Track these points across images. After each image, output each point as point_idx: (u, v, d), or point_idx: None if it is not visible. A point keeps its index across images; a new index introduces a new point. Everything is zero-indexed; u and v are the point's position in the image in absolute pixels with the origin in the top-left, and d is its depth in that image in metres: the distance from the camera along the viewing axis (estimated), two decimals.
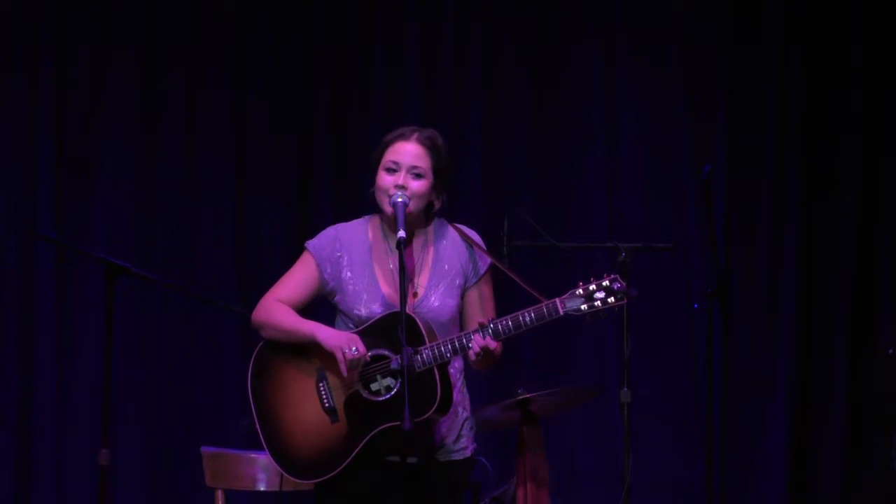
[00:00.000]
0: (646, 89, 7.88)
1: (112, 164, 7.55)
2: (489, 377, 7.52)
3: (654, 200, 7.82)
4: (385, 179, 4.92)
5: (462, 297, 4.99)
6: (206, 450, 6.01)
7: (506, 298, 5.08)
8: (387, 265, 4.97)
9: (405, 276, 4.78)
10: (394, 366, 4.81)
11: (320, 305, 5.09)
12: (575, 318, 4.78)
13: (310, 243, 5.03)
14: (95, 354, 7.31)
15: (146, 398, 7.51)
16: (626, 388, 6.28)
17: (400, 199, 4.88)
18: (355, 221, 5.07)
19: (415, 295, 4.93)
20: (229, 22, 7.67)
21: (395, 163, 4.92)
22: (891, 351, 7.28)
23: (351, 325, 4.94)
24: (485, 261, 5.02)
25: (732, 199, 7.86)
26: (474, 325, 4.88)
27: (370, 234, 5.01)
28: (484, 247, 5.05)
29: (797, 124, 7.87)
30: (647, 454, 7.42)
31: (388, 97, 7.72)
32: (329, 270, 4.96)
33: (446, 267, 4.98)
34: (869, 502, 7.48)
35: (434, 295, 4.94)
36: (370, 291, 4.93)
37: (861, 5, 7.85)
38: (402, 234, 4.82)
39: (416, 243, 4.98)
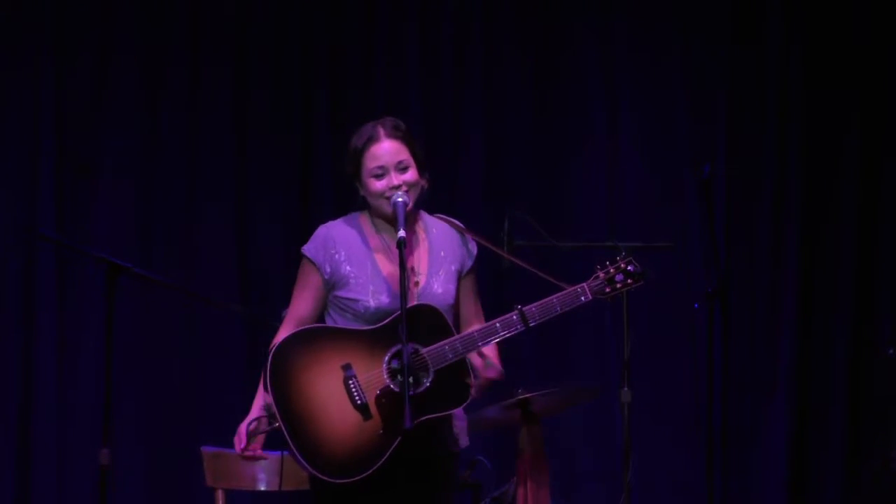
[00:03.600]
0: (646, 89, 7.88)
1: (112, 164, 7.55)
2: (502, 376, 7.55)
3: (654, 200, 7.82)
4: (377, 185, 4.92)
5: (458, 282, 5.02)
6: (206, 450, 6.00)
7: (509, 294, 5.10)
8: (385, 258, 4.97)
9: (405, 275, 4.78)
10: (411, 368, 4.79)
11: None
12: (600, 300, 4.96)
13: (306, 249, 5.00)
14: (96, 354, 7.31)
15: (146, 398, 7.50)
16: (626, 388, 6.28)
17: (400, 199, 4.88)
18: (342, 219, 5.06)
19: (416, 284, 4.94)
20: (229, 22, 7.67)
21: (381, 167, 4.93)
22: (891, 351, 7.29)
23: (349, 317, 4.92)
24: (473, 249, 5.07)
25: (732, 199, 7.87)
26: (467, 312, 4.96)
27: (364, 229, 5.01)
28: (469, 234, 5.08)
29: (797, 124, 7.88)
30: (647, 454, 7.42)
31: (388, 97, 7.72)
32: (329, 270, 4.95)
33: (442, 254, 4.98)
34: (869, 502, 7.48)
35: (436, 282, 4.94)
36: (375, 283, 4.92)
37: (861, 5, 7.86)
38: (402, 233, 4.82)
39: (410, 235, 4.99)
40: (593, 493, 7.65)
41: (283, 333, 4.94)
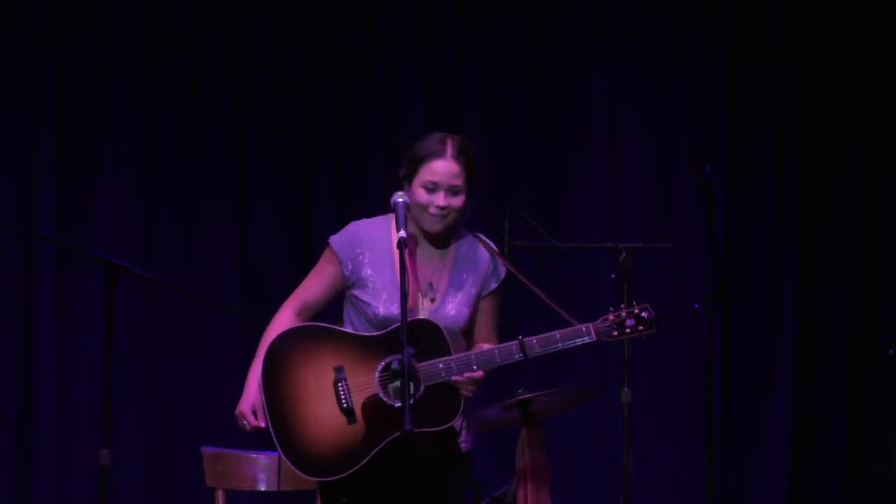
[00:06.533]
0: (646, 90, 7.88)
1: (112, 164, 7.55)
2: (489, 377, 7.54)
3: (654, 200, 7.82)
4: (424, 198, 4.89)
5: (476, 305, 4.99)
6: (206, 450, 6.00)
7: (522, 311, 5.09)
8: (407, 265, 4.95)
9: (406, 276, 4.77)
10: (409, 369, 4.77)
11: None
12: (604, 342, 4.91)
13: (333, 239, 5.00)
14: (95, 354, 7.30)
15: (146, 398, 7.51)
16: (626, 388, 6.28)
17: (401, 200, 4.88)
18: (377, 219, 5.04)
19: (432, 300, 4.93)
20: (229, 22, 7.67)
21: (434, 183, 4.88)
22: (891, 351, 7.29)
23: (361, 318, 4.93)
24: (502, 272, 5.03)
25: (732, 199, 7.86)
26: (480, 334, 4.94)
27: (392, 233, 4.99)
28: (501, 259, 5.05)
29: (797, 124, 7.88)
30: (647, 454, 7.42)
31: (388, 97, 7.72)
32: (350, 268, 4.95)
33: (464, 275, 4.96)
34: (869, 502, 7.49)
35: (451, 303, 4.92)
36: (389, 291, 4.91)
37: (860, 5, 7.86)
38: (402, 234, 4.81)
39: (439, 250, 4.98)
40: (593, 493, 7.65)
41: (285, 312, 4.97)
